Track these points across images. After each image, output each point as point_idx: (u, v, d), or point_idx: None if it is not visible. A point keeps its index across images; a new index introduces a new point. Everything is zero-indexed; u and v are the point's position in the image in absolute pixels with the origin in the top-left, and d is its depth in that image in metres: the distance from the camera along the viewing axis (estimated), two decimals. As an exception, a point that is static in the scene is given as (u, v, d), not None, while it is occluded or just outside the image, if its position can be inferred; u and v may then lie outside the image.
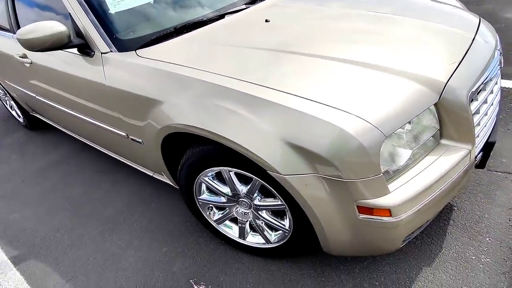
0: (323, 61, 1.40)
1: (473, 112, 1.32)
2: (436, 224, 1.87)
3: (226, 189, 1.65)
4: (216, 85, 1.40)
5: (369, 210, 1.21)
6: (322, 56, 1.43)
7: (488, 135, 1.54)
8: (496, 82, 1.56)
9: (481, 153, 1.52)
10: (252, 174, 1.43)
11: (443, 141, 1.36)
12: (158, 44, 1.75)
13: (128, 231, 2.20)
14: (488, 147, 1.53)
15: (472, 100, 1.36)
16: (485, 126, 1.49)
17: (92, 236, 2.22)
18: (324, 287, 1.66)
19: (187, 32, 1.84)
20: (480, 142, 1.45)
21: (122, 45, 1.76)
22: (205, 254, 1.94)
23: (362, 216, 1.24)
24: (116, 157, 2.45)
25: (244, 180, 1.58)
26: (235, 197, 1.65)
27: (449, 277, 1.62)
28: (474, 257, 1.69)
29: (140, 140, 1.83)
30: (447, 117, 1.31)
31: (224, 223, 1.85)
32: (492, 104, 1.52)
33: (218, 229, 1.86)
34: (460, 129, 1.32)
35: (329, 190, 1.22)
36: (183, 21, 1.90)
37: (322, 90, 1.26)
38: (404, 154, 1.22)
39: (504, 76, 3.08)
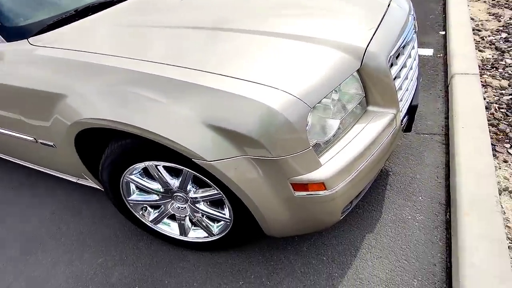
0: (242, 35, 1.31)
1: (394, 76, 1.33)
2: (375, 191, 1.93)
3: (156, 186, 1.50)
4: (126, 70, 1.24)
5: (304, 186, 1.16)
6: (240, 30, 1.33)
7: (411, 98, 1.58)
8: (413, 46, 1.60)
9: (406, 116, 1.56)
10: (181, 165, 1.31)
11: (369, 108, 1.36)
12: (56, 30, 1.51)
13: (55, 246, 1.95)
14: (412, 110, 1.57)
15: (392, 65, 1.37)
16: (407, 90, 1.52)
17: (12, 259, 1.93)
18: (274, 271, 1.62)
19: (91, 14, 1.61)
20: (404, 106, 1.49)
21: (11, 33, 1.49)
22: (146, 258, 1.78)
23: (297, 193, 1.19)
24: (33, 167, 2.14)
25: (175, 172, 1.45)
26: (168, 193, 1.51)
27: (390, 240, 1.67)
28: (410, 217, 1.76)
29: (51, 143, 1.59)
30: (370, 82, 1.30)
31: (161, 222, 1.70)
32: (411, 68, 1.56)
33: (156, 229, 1.71)
34: (384, 94, 1.32)
35: (260, 171, 1.14)
36: (86, 2, 1.67)
37: (242, 66, 1.16)
38: (332, 125, 1.19)
39: (424, 45, 3.29)
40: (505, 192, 1.75)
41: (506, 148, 1.98)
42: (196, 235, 1.68)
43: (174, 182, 1.45)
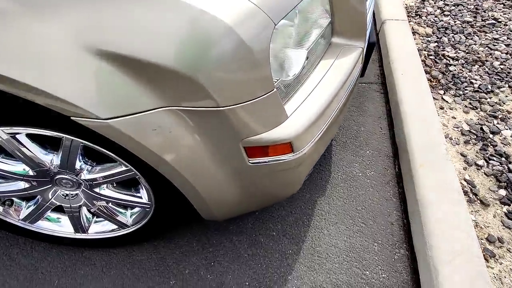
0: None
1: (365, -4, 1.00)
2: (320, 148, 1.69)
3: (20, 167, 0.94)
4: None
5: (263, 150, 0.79)
6: None
7: (368, 34, 1.30)
8: (374, -35, 1.29)
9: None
10: (57, 130, 0.78)
11: (334, 40, 1.02)
12: None
13: None
14: (369, 49, 1.29)
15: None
16: (369, 24, 1.23)
17: None
18: (214, 259, 1.27)
19: None
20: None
21: None
22: (26, 271, 1.22)
23: (252, 160, 0.81)
24: None
25: (49, 143, 0.91)
26: (45, 176, 0.97)
27: (343, 202, 1.46)
28: (360, 174, 1.58)
29: None
30: (339, 3, 0.94)
31: (43, 217, 1.15)
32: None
33: (36, 229, 1.15)
34: (354, 19, 0.99)
35: (196, 131, 0.72)
36: None
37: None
38: (298, 56, 0.81)
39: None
40: (446, 139, 1.70)
41: (441, 94, 1.94)
42: (100, 228, 1.19)
43: (52, 159, 0.91)
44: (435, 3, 2.78)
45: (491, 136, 1.68)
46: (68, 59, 0.60)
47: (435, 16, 2.61)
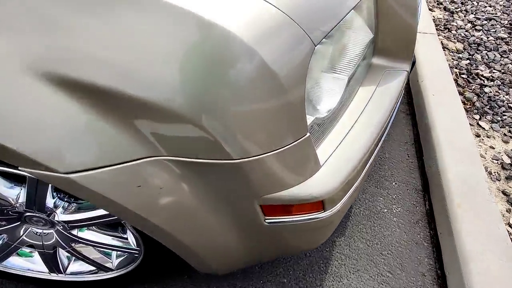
0: None
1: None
2: (340, 176, 1.49)
3: (-24, 204, 0.75)
4: None
5: (285, 208, 0.59)
6: None
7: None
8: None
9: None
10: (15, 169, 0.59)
11: (375, 60, 0.82)
12: None
13: None
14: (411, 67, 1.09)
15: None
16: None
17: None
18: (212, 308, 1.07)
19: None
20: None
21: None
22: (-10, 314, 1.04)
23: (270, 219, 0.62)
24: None
25: (15, 177, 0.72)
26: (10, 214, 0.78)
27: (366, 245, 1.26)
28: (386, 210, 1.38)
29: None
30: (386, 11, 0.75)
31: (12, 255, 0.96)
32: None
33: (3, 269, 0.97)
34: (401, 33, 0.79)
35: (197, 189, 0.52)
36: None
37: None
38: (338, 84, 0.61)
39: None
40: (486, 173, 1.48)
41: (476, 120, 1.73)
42: (81, 268, 1.00)
43: (17, 195, 0.73)
44: (465, 16, 2.57)
45: (536, 172, 1.47)
46: (15, 85, 0.41)
47: (466, 31, 2.40)
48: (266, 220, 0.61)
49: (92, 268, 0.98)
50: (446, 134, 1.52)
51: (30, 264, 0.99)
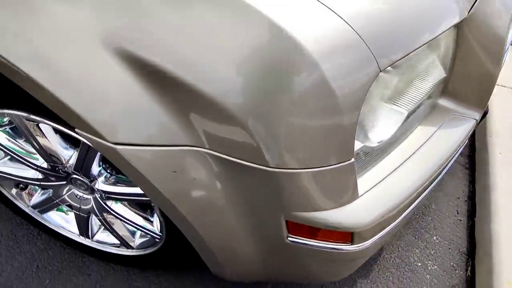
0: None
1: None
2: (376, 215, 1.40)
3: (34, 155, 0.83)
4: None
5: (310, 230, 0.57)
6: None
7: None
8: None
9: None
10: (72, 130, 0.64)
11: (442, 102, 0.77)
12: None
13: None
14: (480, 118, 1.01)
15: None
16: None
17: None
18: (216, 314, 1.06)
19: None
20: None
21: None
22: (22, 259, 1.13)
23: (292, 238, 0.60)
24: None
25: (72, 140, 0.78)
26: (60, 172, 0.85)
27: (390, 295, 1.16)
28: (420, 264, 1.26)
29: None
30: (466, 53, 0.70)
31: (52, 210, 1.04)
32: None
33: (41, 220, 1.05)
34: (478, 79, 0.73)
35: (228, 187, 0.52)
36: None
37: None
38: (395, 116, 0.58)
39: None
40: (547, 253, 1.30)
41: (547, 191, 1.53)
42: (106, 239, 1.05)
43: (69, 156, 0.79)
44: (556, 77, 2.32)
45: None
46: (87, 57, 0.45)
47: (554, 93, 2.16)
48: (289, 238, 0.59)
49: (116, 241, 1.03)
50: (507, 199, 1.36)
51: (64, 222, 1.06)
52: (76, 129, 0.50)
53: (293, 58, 0.42)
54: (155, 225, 0.88)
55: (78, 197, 0.94)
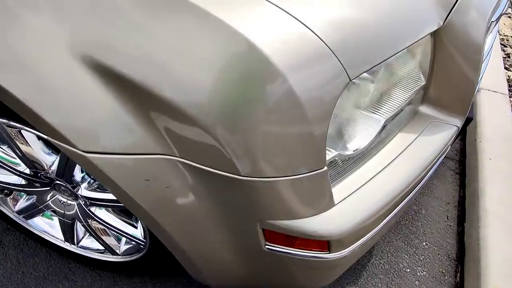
0: None
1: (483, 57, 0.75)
2: (366, 221, 1.41)
3: (16, 160, 0.83)
4: None
5: (287, 238, 0.57)
6: None
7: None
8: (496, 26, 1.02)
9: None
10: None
11: (423, 109, 0.78)
12: None
13: None
14: (464, 125, 1.01)
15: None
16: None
17: None
18: (202, 321, 1.05)
19: None
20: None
21: None
22: (8, 265, 1.12)
23: (270, 246, 0.60)
24: None
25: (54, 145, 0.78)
26: (43, 178, 0.85)
27: (378, 301, 1.16)
28: (409, 270, 1.26)
29: None
30: (444, 61, 0.70)
31: (36, 216, 1.04)
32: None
33: (26, 226, 1.05)
34: (457, 86, 0.74)
35: (202, 195, 0.52)
36: None
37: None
38: (372, 125, 0.59)
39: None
40: (535, 259, 1.30)
41: (537, 197, 1.53)
42: (92, 245, 1.05)
43: (52, 162, 0.79)
44: (547, 82, 2.34)
45: None
46: (56, 66, 0.46)
47: (545, 98, 2.17)
48: (266, 246, 0.59)
49: (101, 247, 1.02)
50: (497, 205, 1.36)
51: (48, 227, 1.06)
52: (47, 137, 0.50)
53: (261, 70, 0.43)
54: (139, 232, 0.87)
55: (62, 203, 0.94)
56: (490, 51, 1.01)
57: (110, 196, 0.80)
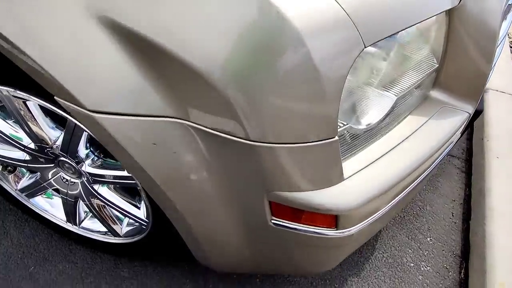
0: None
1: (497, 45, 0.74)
2: (370, 215, 1.39)
3: (23, 135, 0.82)
4: None
5: (294, 212, 0.56)
6: None
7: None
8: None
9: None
10: (57, 107, 0.64)
11: (434, 94, 0.76)
12: None
13: None
14: (473, 117, 1.00)
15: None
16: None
17: None
18: (202, 307, 1.04)
19: None
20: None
21: None
22: (9, 244, 1.12)
23: (276, 221, 0.58)
24: None
25: (59, 120, 0.78)
26: (48, 154, 0.84)
27: (380, 294, 1.14)
28: (412, 264, 1.24)
29: None
30: (457, 45, 0.69)
31: (39, 195, 1.03)
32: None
33: (28, 205, 1.04)
34: (470, 72, 0.72)
35: (210, 162, 0.51)
36: None
37: None
38: (384, 102, 0.58)
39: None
40: (542, 258, 1.28)
41: (544, 197, 1.51)
42: (93, 226, 1.04)
43: (55, 136, 0.78)
44: (556, 85, 2.32)
45: None
46: (68, 25, 0.45)
47: (553, 101, 2.15)
48: (272, 221, 0.58)
49: (103, 229, 1.01)
50: (503, 203, 1.34)
51: (49, 207, 1.05)
52: (55, 97, 0.49)
53: (281, 34, 0.42)
54: (142, 211, 0.87)
55: (65, 181, 0.93)
56: (505, 38, 1.00)
57: (113, 172, 0.79)
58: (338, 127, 0.51)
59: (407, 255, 1.27)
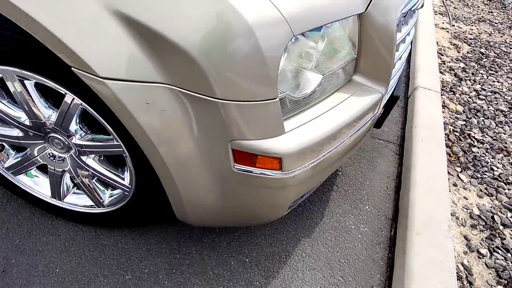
0: None
1: (396, 43, 1.00)
2: (320, 189, 1.63)
3: (18, 113, 0.95)
4: None
5: (251, 157, 0.76)
6: None
7: (393, 87, 1.29)
8: (414, 22, 1.31)
9: (383, 108, 1.26)
10: (61, 84, 0.79)
11: (356, 78, 1.01)
12: None
13: None
14: (391, 101, 1.28)
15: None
16: (395, 74, 1.22)
17: None
18: (177, 267, 1.20)
19: None
20: (388, 92, 1.18)
21: None
22: (-9, 222, 1.20)
23: (238, 166, 0.78)
24: None
25: (54, 98, 0.92)
26: (39, 129, 0.97)
27: (327, 249, 1.38)
28: (353, 227, 1.50)
29: None
30: (368, 41, 0.94)
31: (25, 173, 1.14)
32: (405, 50, 1.26)
33: (15, 182, 1.14)
34: (379, 62, 0.98)
35: (189, 118, 0.70)
36: None
37: None
38: (312, 79, 0.80)
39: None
40: (453, 217, 1.60)
41: (457, 172, 1.86)
42: (75, 200, 1.17)
43: (50, 114, 0.92)
44: (472, 85, 2.77)
45: (501, 227, 1.57)
46: (84, 10, 0.62)
47: (469, 97, 2.58)
48: (235, 166, 0.78)
49: (88, 202, 1.14)
50: (424, 175, 1.65)
51: (33, 184, 1.16)
52: (72, 68, 0.65)
53: (239, 25, 0.62)
54: (126, 178, 1.02)
55: (53, 158, 1.06)
56: (412, 41, 1.29)
57: (101, 142, 0.94)
58: (279, 93, 0.72)
59: (350, 220, 1.52)
